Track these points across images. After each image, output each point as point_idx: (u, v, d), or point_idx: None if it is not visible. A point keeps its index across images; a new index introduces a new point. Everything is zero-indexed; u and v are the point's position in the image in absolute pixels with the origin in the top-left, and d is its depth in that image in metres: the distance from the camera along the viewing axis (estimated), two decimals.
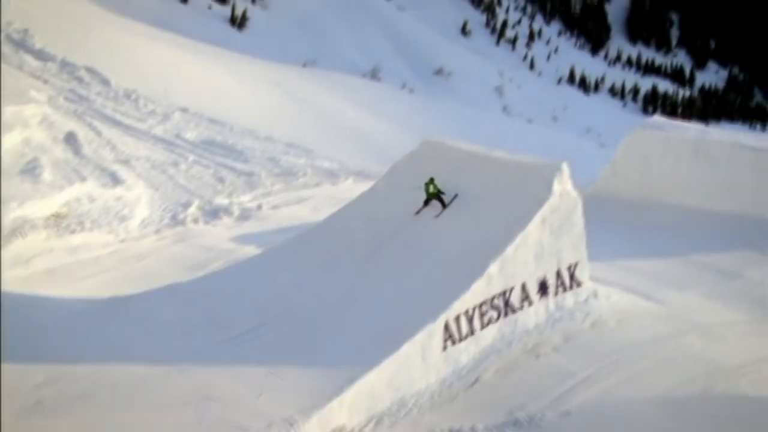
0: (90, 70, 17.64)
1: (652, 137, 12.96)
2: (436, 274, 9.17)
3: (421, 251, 9.46)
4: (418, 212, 9.85)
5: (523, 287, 9.44)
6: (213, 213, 12.00)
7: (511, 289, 9.33)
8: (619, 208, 12.75)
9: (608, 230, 12.06)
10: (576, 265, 9.90)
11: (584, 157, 23.18)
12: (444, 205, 9.67)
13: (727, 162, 12.50)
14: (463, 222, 9.63)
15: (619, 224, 12.31)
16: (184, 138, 15.97)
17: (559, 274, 9.81)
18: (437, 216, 9.75)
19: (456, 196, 9.81)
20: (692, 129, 13.35)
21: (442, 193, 9.58)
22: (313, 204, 12.72)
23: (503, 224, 9.48)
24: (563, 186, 9.73)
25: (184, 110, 17.89)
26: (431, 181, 9.50)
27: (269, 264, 9.67)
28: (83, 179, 11.78)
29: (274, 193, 13.41)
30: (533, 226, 9.46)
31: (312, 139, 19.77)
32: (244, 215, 12.14)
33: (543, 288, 9.68)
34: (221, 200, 12.52)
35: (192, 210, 11.95)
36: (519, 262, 9.38)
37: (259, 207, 12.56)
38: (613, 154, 14.37)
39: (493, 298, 9.19)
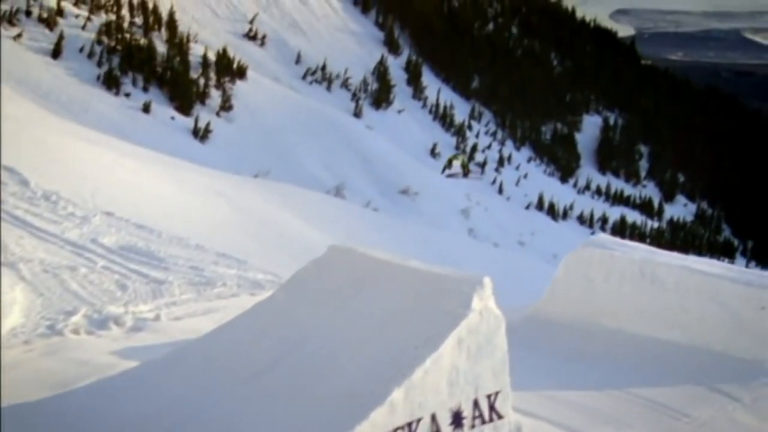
0: (9, 170, 16.60)
1: (595, 256, 11.91)
2: (331, 401, 7.90)
3: (317, 372, 8.19)
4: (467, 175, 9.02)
5: (433, 418, 8.06)
6: (101, 323, 10.71)
7: (419, 420, 7.95)
8: (556, 333, 11.58)
9: (542, 356, 10.87)
10: (497, 394, 8.59)
11: (549, 284, 22.24)
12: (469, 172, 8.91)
13: (676, 287, 11.41)
14: (367, 340, 8.42)
15: (555, 350, 11.12)
16: (100, 243, 14.80)
17: (476, 404, 8.49)
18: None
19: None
20: (639, 249, 12.32)
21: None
22: (222, 316, 11.42)
23: (412, 344, 8.26)
24: (484, 303, 8.49)
25: (109, 214, 16.79)
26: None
27: (137, 383, 8.37)
28: None
29: (180, 302, 12.18)
30: (447, 348, 8.18)
31: (249, 250, 18.66)
32: (137, 326, 10.86)
33: (457, 420, 8.33)
34: (114, 309, 11.25)
35: (76, 319, 10.64)
36: (429, 388, 8.05)
37: (158, 317, 11.30)
38: None
39: (396, 430, 7.88)
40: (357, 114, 58.87)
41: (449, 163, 12.60)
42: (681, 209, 69.91)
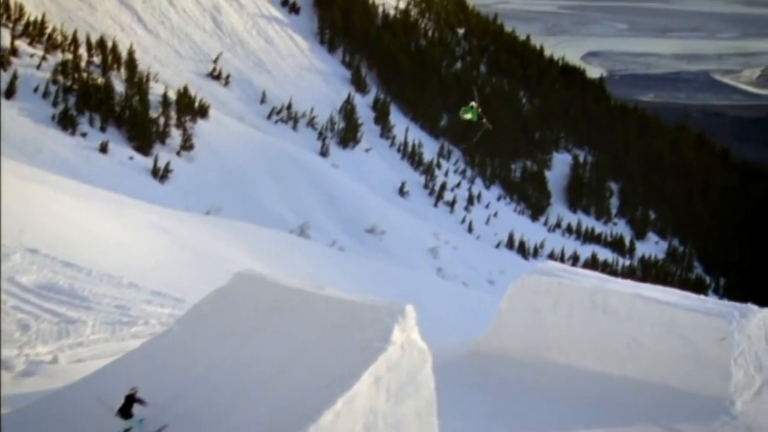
0: None
1: (542, 284, 10.98)
2: None
3: (212, 417, 7.21)
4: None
5: None
6: None
7: None
8: (500, 369, 10.60)
9: (484, 395, 9.90)
10: None
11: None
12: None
13: (629, 317, 10.48)
14: (273, 378, 7.42)
15: (499, 388, 10.14)
16: (16, 281, 13.74)
17: None
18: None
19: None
20: (590, 276, 11.37)
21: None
22: None
23: (323, 382, 7.28)
24: (407, 335, 7.56)
25: (33, 252, 15.72)
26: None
27: None
28: None
29: (88, 343, 11.13)
30: (362, 387, 7.22)
31: (189, 287, 17.58)
32: (29, 370, 9.78)
33: None
34: (6, 352, 10.18)
35: None
36: None
37: (55, 360, 10.24)
38: None
39: None
40: (323, 153, 58.09)
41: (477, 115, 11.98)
42: (652, 247, 69.30)
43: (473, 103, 12.61)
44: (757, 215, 72.46)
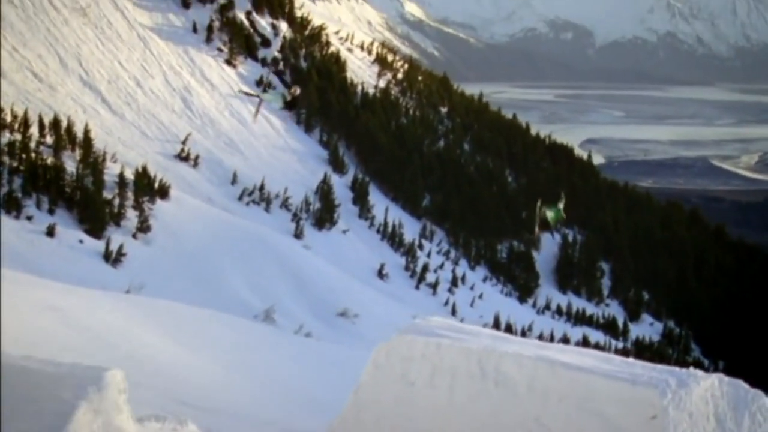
0: None
1: (417, 347, 8.18)
2: None
3: None
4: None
5: None
6: None
7: None
8: None
9: None
10: None
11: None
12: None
13: (530, 389, 7.64)
14: None
15: None
16: None
17: None
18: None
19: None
20: (482, 335, 8.44)
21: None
22: None
23: None
24: (104, 419, 4.73)
25: None
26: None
27: None
28: None
29: None
30: None
31: None
32: None
33: None
34: None
35: None
36: None
37: None
38: None
39: None
40: (298, 235, 55.73)
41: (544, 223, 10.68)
42: (647, 328, 66.30)
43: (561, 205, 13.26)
44: (755, 295, 69.69)
